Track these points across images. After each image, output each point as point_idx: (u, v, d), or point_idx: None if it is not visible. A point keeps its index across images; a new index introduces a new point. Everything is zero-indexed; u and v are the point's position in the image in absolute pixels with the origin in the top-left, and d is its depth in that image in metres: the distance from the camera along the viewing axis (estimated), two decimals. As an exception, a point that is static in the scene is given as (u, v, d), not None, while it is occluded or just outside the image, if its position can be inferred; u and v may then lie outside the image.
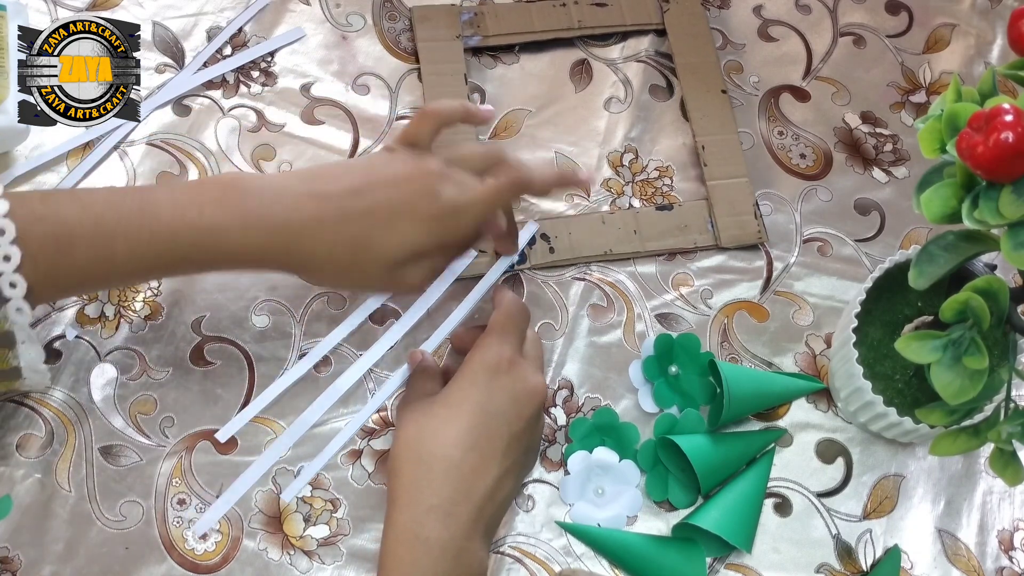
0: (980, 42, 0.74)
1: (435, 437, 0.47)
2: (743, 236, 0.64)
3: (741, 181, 0.65)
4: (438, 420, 0.48)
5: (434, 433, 0.48)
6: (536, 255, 0.62)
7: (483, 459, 0.47)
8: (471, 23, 0.69)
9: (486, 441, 0.48)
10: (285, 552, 0.55)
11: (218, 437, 0.56)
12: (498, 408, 0.49)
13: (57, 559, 0.53)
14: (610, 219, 0.64)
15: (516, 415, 0.49)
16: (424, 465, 0.47)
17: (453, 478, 0.46)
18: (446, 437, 0.47)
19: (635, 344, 0.62)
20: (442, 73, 0.67)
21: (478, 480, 0.47)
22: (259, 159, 0.65)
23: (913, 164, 0.69)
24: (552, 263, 0.63)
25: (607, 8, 0.71)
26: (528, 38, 0.69)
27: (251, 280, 0.61)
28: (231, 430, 0.56)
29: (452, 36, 0.68)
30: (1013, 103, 0.40)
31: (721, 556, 0.57)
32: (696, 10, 0.71)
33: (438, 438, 0.47)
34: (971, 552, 0.58)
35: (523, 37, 0.69)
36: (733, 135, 0.67)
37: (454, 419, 0.48)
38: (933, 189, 0.43)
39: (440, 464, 0.47)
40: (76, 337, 0.58)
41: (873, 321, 0.57)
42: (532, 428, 0.51)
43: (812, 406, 0.61)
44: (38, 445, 0.56)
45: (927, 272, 0.45)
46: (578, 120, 0.68)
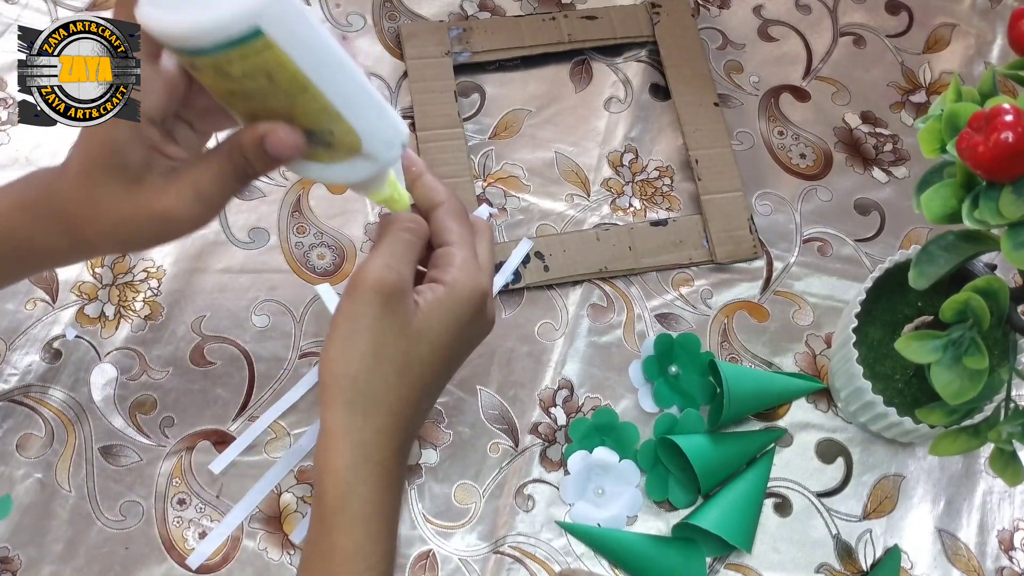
0: (980, 42, 0.74)
1: (401, 376, 0.45)
2: (738, 251, 0.64)
3: (735, 195, 0.65)
4: (411, 360, 0.45)
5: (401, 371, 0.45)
6: (530, 273, 0.62)
7: (431, 394, 0.48)
8: (460, 39, 0.68)
9: (441, 378, 0.48)
10: (285, 552, 0.55)
11: (212, 468, 0.56)
12: (464, 348, 0.49)
13: (57, 559, 0.53)
14: (604, 235, 0.64)
15: (472, 348, 0.50)
16: (377, 403, 0.45)
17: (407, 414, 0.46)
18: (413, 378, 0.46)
19: (635, 344, 0.62)
20: (432, 91, 0.66)
21: (419, 412, 0.47)
22: (259, 159, 0.65)
23: (913, 164, 0.69)
24: (547, 281, 0.62)
25: (597, 21, 0.70)
26: (518, 53, 0.69)
27: (251, 280, 0.61)
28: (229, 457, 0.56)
29: (441, 52, 0.67)
30: (1013, 103, 0.40)
31: (721, 556, 0.57)
32: (687, 22, 0.71)
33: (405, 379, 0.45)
34: (971, 552, 0.58)
35: (513, 52, 0.69)
36: (727, 148, 0.67)
37: (427, 363, 0.46)
38: (933, 189, 0.43)
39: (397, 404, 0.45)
40: (76, 337, 0.58)
41: (873, 321, 0.57)
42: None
43: (812, 406, 0.61)
44: (38, 445, 0.56)
45: (927, 272, 0.45)
46: (578, 120, 0.68)
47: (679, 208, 0.66)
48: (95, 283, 0.60)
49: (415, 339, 0.44)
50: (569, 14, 0.70)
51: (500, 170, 0.66)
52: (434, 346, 0.45)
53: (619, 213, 0.65)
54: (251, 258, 0.62)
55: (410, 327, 0.44)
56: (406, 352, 0.44)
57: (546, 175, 0.66)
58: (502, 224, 0.64)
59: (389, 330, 0.44)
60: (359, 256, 0.63)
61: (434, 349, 0.45)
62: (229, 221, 0.63)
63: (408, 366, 0.45)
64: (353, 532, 0.43)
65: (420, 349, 0.45)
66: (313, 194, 0.64)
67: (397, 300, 0.44)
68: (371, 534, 0.44)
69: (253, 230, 0.63)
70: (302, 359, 0.59)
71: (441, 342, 0.45)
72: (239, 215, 0.63)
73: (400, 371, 0.44)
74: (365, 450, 0.44)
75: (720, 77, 0.70)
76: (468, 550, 0.56)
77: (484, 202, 0.64)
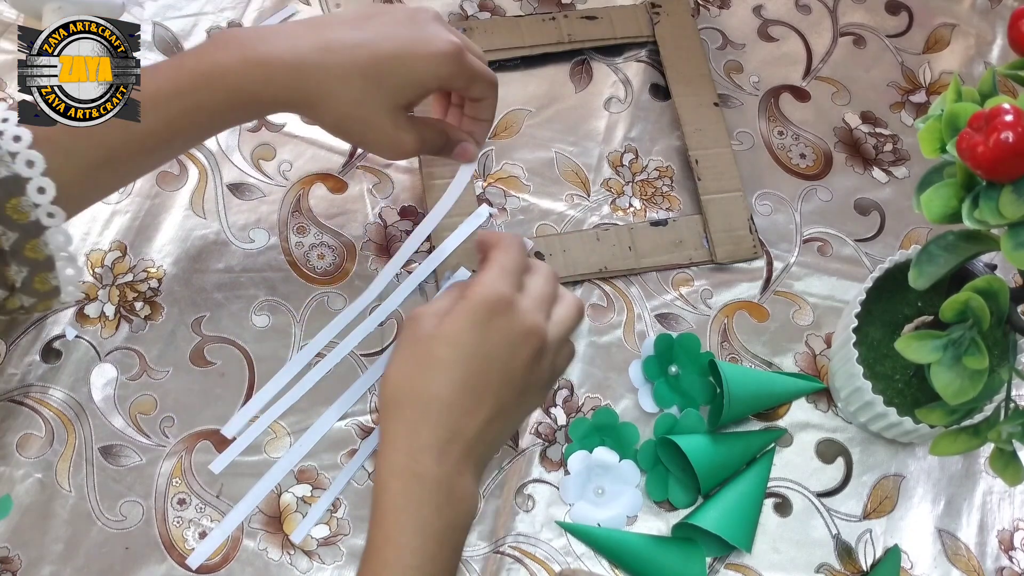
0: (980, 42, 0.74)
1: (430, 378, 0.48)
2: (738, 252, 0.64)
3: (736, 195, 0.65)
4: (432, 360, 0.48)
5: (432, 373, 0.48)
6: None
7: (476, 400, 0.48)
8: None
9: (480, 383, 0.48)
10: (285, 552, 0.55)
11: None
12: (493, 350, 0.48)
13: (57, 559, 0.53)
14: (604, 235, 0.64)
15: (511, 356, 0.48)
16: (420, 405, 0.47)
17: (446, 418, 0.47)
18: (440, 378, 0.48)
19: (635, 344, 0.62)
20: None
21: (470, 420, 0.47)
22: (259, 159, 0.65)
23: (913, 164, 0.69)
24: None
25: (597, 21, 0.70)
26: (518, 53, 0.69)
27: (251, 280, 0.61)
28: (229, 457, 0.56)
29: None
30: (1013, 103, 0.40)
31: (721, 556, 0.57)
32: (686, 22, 0.71)
33: (433, 379, 0.48)
34: (971, 552, 0.58)
35: (513, 52, 0.69)
36: (727, 148, 0.67)
37: (448, 360, 0.48)
38: (933, 189, 0.43)
39: (434, 404, 0.47)
40: (76, 337, 0.58)
41: (873, 321, 0.57)
42: (528, 369, 0.49)
43: (812, 406, 0.61)
44: (38, 445, 0.56)
45: (927, 272, 0.45)
46: (578, 120, 0.68)
47: (679, 208, 0.66)
48: (95, 283, 0.60)
49: (431, 341, 0.48)
50: (569, 14, 0.70)
51: (500, 170, 0.66)
52: (453, 345, 0.47)
53: (619, 213, 0.65)
54: (251, 258, 0.62)
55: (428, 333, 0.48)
56: (426, 352, 0.48)
57: (546, 175, 0.66)
58: (502, 224, 0.64)
59: (413, 337, 0.49)
60: (359, 256, 0.63)
61: (454, 347, 0.47)
62: (229, 221, 0.63)
63: (430, 366, 0.48)
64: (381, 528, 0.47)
65: (439, 350, 0.48)
66: (313, 194, 0.64)
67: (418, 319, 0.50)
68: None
69: (253, 230, 0.63)
70: (303, 349, 0.59)
71: (460, 340, 0.48)
72: (239, 215, 0.63)
73: (423, 369, 0.48)
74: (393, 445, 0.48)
75: (720, 77, 0.70)
76: (468, 550, 0.56)
77: (484, 202, 0.64)
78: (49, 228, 0.48)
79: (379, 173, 0.65)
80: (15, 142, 0.46)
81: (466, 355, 0.48)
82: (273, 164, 0.65)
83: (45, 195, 0.47)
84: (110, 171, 0.51)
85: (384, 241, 0.63)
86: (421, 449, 0.47)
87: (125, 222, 0.62)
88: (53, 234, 0.48)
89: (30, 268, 0.49)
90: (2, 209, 0.46)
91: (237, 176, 0.64)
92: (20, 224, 0.47)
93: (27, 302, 0.50)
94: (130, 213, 0.62)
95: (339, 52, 0.51)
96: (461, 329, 0.48)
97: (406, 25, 0.53)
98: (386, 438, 0.48)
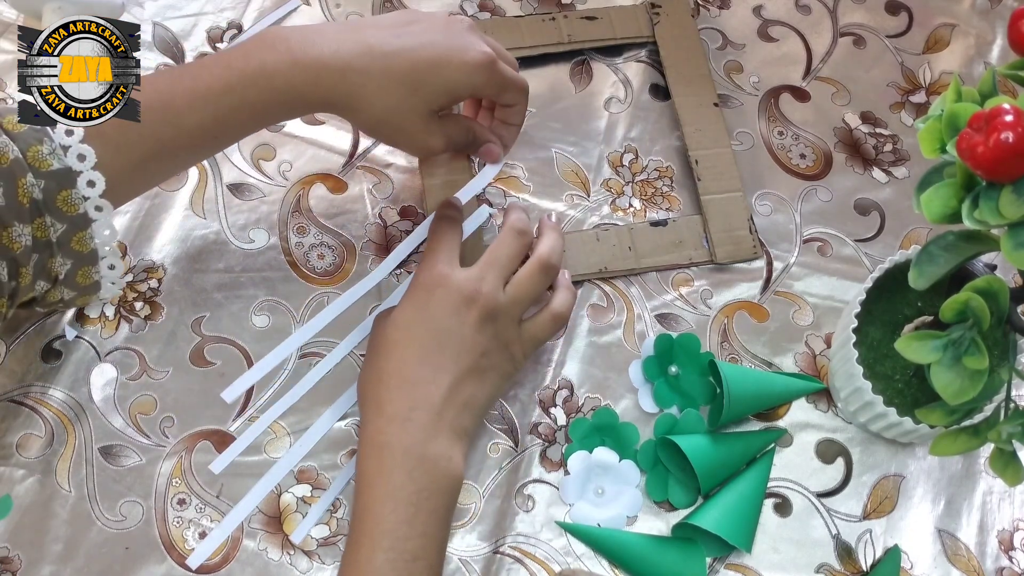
0: (980, 42, 0.74)
1: (389, 358, 0.53)
2: (738, 252, 0.64)
3: (736, 195, 0.65)
4: (388, 344, 0.53)
5: (388, 354, 0.53)
6: None
7: (434, 369, 0.52)
8: None
9: (434, 354, 0.52)
10: (285, 552, 0.55)
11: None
12: (439, 322, 0.52)
13: (57, 559, 0.53)
14: (604, 236, 0.64)
15: (459, 324, 0.53)
16: (383, 383, 0.52)
17: (408, 391, 0.51)
18: (399, 356, 0.52)
19: (635, 344, 0.62)
20: None
21: (433, 388, 0.51)
22: (259, 159, 0.65)
23: (913, 164, 0.69)
24: None
25: (597, 22, 0.70)
26: (518, 53, 0.68)
27: (251, 280, 0.61)
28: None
29: None
30: (1013, 103, 0.40)
31: (721, 556, 0.57)
32: (687, 22, 0.71)
33: (392, 358, 0.52)
34: (971, 552, 0.58)
35: (513, 53, 0.68)
36: (727, 148, 0.67)
37: (403, 339, 0.53)
38: (933, 189, 0.43)
39: (395, 379, 0.52)
40: (76, 337, 0.58)
41: (873, 321, 0.57)
42: (479, 331, 0.53)
43: (812, 406, 0.61)
44: (38, 445, 0.56)
45: (927, 272, 0.45)
46: (578, 120, 0.68)
47: (679, 208, 0.66)
48: (95, 283, 0.60)
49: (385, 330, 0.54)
50: (569, 14, 0.70)
51: (500, 170, 0.66)
52: (401, 327, 0.53)
53: (619, 213, 0.65)
54: (251, 258, 0.62)
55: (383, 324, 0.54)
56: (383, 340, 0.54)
57: (546, 175, 0.66)
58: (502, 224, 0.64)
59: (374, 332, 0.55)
60: (359, 256, 0.63)
61: (403, 329, 0.53)
62: (229, 221, 0.63)
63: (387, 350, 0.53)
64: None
65: (392, 335, 0.53)
66: (313, 194, 0.64)
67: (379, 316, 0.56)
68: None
69: (253, 230, 0.63)
70: (302, 359, 0.59)
71: (407, 321, 0.53)
72: (239, 215, 0.63)
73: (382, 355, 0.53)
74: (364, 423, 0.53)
75: (720, 77, 0.70)
76: (468, 550, 0.56)
77: (484, 202, 0.64)
78: (96, 221, 0.50)
79: (379, 173, 0.65)
80: (68, 136, 0.48)
81: (415, 333, 0.53)
82: (273, 164, 0.65)
83: (95, 188, 0.49)
84: (156, 165, 0.53)
85: (384, 241, 0.63)
86: (387, 421, 0.51)
87: (125, 222, 0.62)
88: (99, 227, 0.50)
89: (74, 261, 0.50)
90: (52, 201, 0.48)
91: (237, 176, 0.64)
92: (69, 216, 0.48)
93: (67, 295, 0.52)
94: (130, 213, 0.62)
95: (380, 59, 0.52)
96: (406, 311, 0.53)
97: (443, 34, 0.55)
98: (361, 421, 0.53)
